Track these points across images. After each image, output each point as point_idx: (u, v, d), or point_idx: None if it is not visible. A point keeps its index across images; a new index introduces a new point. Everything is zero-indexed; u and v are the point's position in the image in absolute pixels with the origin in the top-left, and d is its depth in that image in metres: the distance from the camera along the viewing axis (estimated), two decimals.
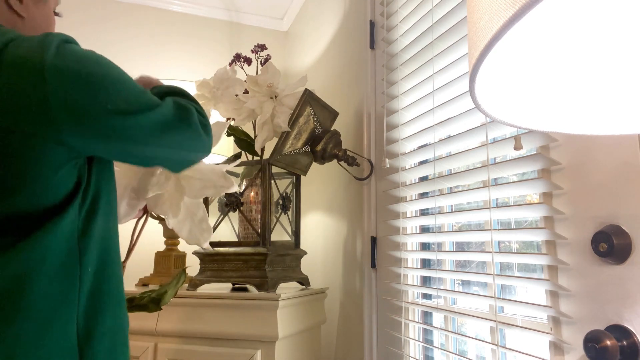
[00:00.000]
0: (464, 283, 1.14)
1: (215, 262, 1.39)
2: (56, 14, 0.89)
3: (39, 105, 0.58)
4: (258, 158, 1.46)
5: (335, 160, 1.44)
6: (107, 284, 0.70)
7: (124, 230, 0.90)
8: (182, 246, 1.70)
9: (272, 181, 1.42)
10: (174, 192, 0.91)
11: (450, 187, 1.12)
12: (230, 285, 1.53)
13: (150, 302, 1.05)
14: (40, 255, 0.61)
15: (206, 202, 1.48)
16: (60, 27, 2.18)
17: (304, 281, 1.49)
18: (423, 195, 1.24)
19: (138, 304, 1.08)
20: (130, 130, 0.64)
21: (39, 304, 0.61)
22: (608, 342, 0.64)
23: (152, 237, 1.75)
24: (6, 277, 0.59)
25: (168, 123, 0.68)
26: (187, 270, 1.71)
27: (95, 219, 0.68)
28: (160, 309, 1.07)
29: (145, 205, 0.95)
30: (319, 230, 1.83)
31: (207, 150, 0.78)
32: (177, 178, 0.89)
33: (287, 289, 1.46)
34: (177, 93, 0.77)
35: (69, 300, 0.63)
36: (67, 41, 0.65)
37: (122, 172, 0.91)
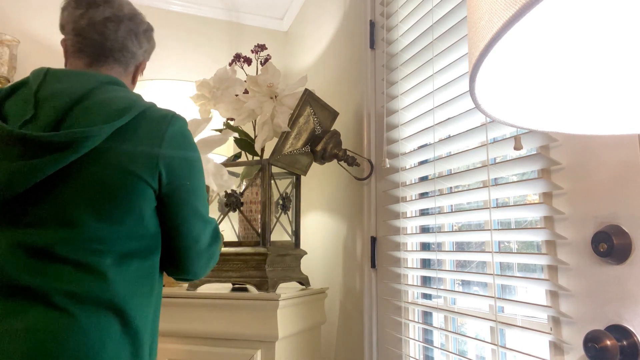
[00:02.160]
0: (464, 283, 1.14)
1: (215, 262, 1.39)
2: None
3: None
4: (258, 158, 1.46)
5: (335, 160, 1.44)
6: (160, 303, 0.90)
7: None
8: None
9: (272, 181, 1.42)
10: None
11: (450, 187, 1.12)
12: (230, 285, 1.53)
13: None
14: (147, 273, 0.83)
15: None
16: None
17: (304, 281, 1.49)
18: (423, 195, 1.24)
19: None
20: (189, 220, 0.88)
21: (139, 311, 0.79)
22: (608, 342, 0.64)
23: None
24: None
25: (209, 236, 0.92)
26: None
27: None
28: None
29: None
30: (319, 230, 1.83)
31: (195, 275, 0.95)
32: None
33: (287, 289, 1.46)
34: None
35: (147, 313, 0.82)
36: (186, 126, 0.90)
37: None
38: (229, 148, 1.86)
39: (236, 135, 1.24)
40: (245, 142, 1.47)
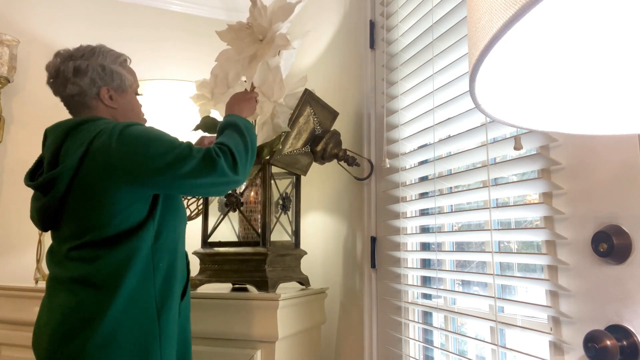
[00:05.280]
0: (464, 283, 1.14)
1: (216, 262, 1.39)
2: (139, 95, 1.20)
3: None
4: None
5: (335, 160, 1.44)
6: (173, 275, 1.05)
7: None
8: None
9: (272, 181, 1.42)
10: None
11: (450, 187, 1.12)
12: (230, 285, 1.53)
13: None
14: (129, 255, 0.98)
15: (206, 201, 1.48)
16: (62, 27, 2.17)
17: (304, 281, 1.49)
18: (423, 195, 1.24)
19: None
20: (170, 181, 0.99)
21: (131, 283, 0.98)
22: (608, 342, 0.64)
23: None
24: (110, 265, 0.98)
25: (194, 171, 0.99)
26: None
27: (162, 234, 1.04)
28: (260, 161, 1.31)
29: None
30: (319, 230, 1.83)
31: (235, 183, 1.06)
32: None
33: (287, 289, 1.46)
34: (233, 127, 1.09)
35: (148, 284, 1.00)
36: (127, 126, 1.02)
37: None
38: None
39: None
40: None
